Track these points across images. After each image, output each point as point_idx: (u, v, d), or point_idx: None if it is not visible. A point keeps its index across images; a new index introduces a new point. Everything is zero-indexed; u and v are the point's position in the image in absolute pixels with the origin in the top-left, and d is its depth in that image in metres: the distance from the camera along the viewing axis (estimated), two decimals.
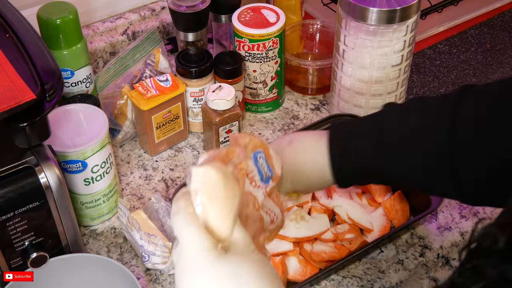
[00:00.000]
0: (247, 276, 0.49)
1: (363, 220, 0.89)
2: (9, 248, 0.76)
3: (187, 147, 1.06)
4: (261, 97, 1.10)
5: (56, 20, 0.92)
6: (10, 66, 0.71)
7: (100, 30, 1.15)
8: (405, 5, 0.91)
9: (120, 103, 1.00)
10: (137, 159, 1.03)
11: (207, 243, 0.49)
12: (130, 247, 0.90)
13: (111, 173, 0.90)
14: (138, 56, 1.10)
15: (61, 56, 0.96)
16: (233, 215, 0.51)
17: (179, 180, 1.00)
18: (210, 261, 0.49)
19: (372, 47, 0.95)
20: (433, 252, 0.89)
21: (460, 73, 1.23)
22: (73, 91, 1.00)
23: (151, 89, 0.97)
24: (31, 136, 0.70)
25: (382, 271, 0.86)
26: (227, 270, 0.49)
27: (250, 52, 1.04)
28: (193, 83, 1.01)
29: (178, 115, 1.02)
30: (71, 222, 0.79)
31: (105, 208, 0.92)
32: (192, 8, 1.05)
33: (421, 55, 1.26)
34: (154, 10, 1.20)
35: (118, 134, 1.03)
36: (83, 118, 0.88)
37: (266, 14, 1.05)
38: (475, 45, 1.30)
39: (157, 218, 0.91)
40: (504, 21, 1.36)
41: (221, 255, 0.49)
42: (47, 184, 0.74)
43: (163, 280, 0.86)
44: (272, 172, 0.64)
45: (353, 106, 1.03)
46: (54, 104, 0.69)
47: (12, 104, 0.65)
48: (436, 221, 0.93)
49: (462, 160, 0.64)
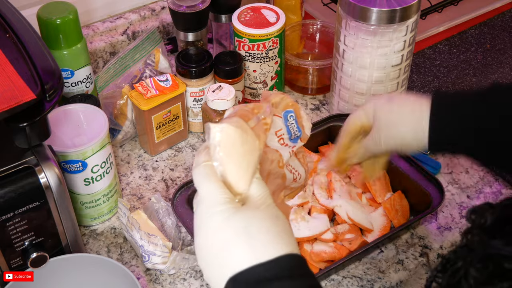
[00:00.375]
0: (258, 231, 0.50)
1: (363, 220, 0.89)
2: (9, 248, 0.76)
3: (187, 147, 1.06)
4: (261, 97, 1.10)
5: (56, 20, 0.92)
6: (10, 66, 0.71)
7: (100, 30, 1.15)
8: (405, 5, 0.91)
9: (120, 103, 1.00)
10: (137, 159, 1.03)
11: (223, 197, 0.51)
12: (130, 247, 0.90)
13: (111, 173, 0.90)
14: (138, 56, 1.10)
15: (61, 56, 0.96)
16: (250, 171, 0.52)
17: (179, 180, 1.00)
18: (226, 215, 0.50)
19: (372, 47, 0.95)
20: (433, 252, 0.89)
21: (460, 73, 1.23)
22: (73, 91, 1.00)
23: (151, 89, 0.97)
24: (31, 136, 0.70)
25: (382, 271, 0.86)
26: (240, 225, 0.50)
27: (250, 52, 1.04)
28: (193, 83, 1.01)
29: (178, 115, 1.02)
30: (71, 222, 0.79)
31: (105, 208, 0.92)
32: (192, 8, 1.05)
33: (421, 55, 1.26)
34: (154, 10, 1.20)
35: (118, 134, 1.03)
36: (83, 118, 0.88)
37: (266, 14, 1.05)
38: (475, 45, 1.30)
39: (157, 218, 0.91)
40: (504, 21, 1.36)
41: (236, 209, 0.51)
42: (47, 184, 0.74)
43: (163, 280, 0.86)
44: (301, 132, 0.65)
45: (353, 106, 1.03)
46: (54, 104, 0.69)
47: (12, 104, 0.65)
48: (436, 221, 0.93)
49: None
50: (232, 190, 0.52)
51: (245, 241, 0.50)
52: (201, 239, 0.52)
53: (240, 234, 0.50)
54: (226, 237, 0.50)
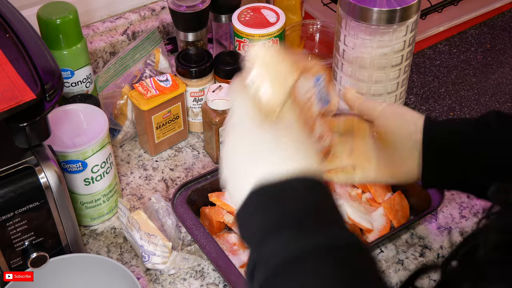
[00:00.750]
0: (287, 146, 0.51)
1: (363, 220, 0.89)
2: (9, 248, 0.76)
3: (187, 147, 1.06)
4: None
5: (56, 20, 0.92)
6: (10, 66, 0.71)
7: (100, 30, 1.15)
8: (405, 5, 0.91)
9: (120, 103, 1.00)
10: (137, 159, 1.03)
11: (254, 109, 0.53)
12: (130, 247, 0.90)
13: (111, 173, 0.90)
14: (138, 56, 1.10)
15: (61, 56, 0.96)
16: (284, 91, 0.54)
17: (179, 180, 1.00)
18: (256, 123, 0.52)
19: (372, 47, 0.95)
20: (433, 252, 0.89)
21: (460, 73, 1.23)
22: (73, 91, 1.00)
23: (151, 89, 0.97)
24: (31, 136, 0.70)
25: (382, 271, 0.86)
26: (269, 136, 0.52)
27: None
28: (193, 83, 1.01)
29: (178, 115, 1.02)
30: (71, 222, 0.79)
31: (105, 208, 0.92)
32: (192, 8, 1.05)
33: (421, 55, 1.26)
34: (154, 10, 1.20)
35: (118, 134, 1.03)
36: (83, 118, 0.88)
37: (266, 14, 1.05)
38: (475, 45, 1.30)
39: (157, 218, 0.91)
40: (504, 21, 1.36)
41: (267, 122, 0.52)
42: (47, 184, 0.74)
43: (163, 280, 0.86)
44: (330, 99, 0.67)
45: None
46: (54, 104, 0.69)
47: (12, 104, 0.65)
48: (436, 221, 0.93)
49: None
50: (264, 108, 0.53)
51: (274, 152, 0.50)
52: (229, 146, 0.53)
53: (269, 144, 0.51)
54: (255, 145, 0.51)
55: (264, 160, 0.50)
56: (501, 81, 1.21)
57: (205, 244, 0.84)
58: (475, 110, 1.14)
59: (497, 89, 1.19)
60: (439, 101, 1.16)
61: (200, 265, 0.87)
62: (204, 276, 0.86)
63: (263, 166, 0.50)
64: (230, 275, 0.81)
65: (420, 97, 1.16)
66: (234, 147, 0.53)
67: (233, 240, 0.89)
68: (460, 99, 1.17)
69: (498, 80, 1.21)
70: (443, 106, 1.15)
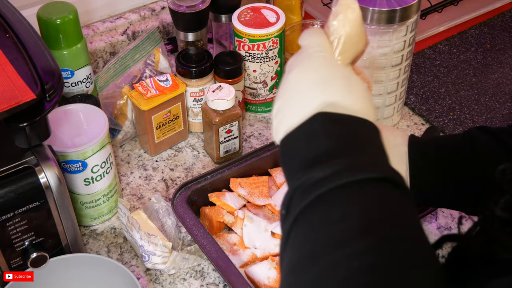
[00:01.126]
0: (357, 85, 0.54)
1: None
2: (9, 248, 0.76)
3: (187, 147, 1.06)
4: (261, 97, 1.10)
5: (56, 20, 0.92)
6: (10, 66, 0.71)
7: (100, 30, 1.15)
8: (405, 5, 0.91)
9: (120, 103, 1.00)
10: (137, 159, 1.03)
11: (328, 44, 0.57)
12: (130, 247, 0.90)
13: (111, 173, 0.90)
14: (138, 56, 1.10)
15: (61, 56, 0.96)
16: (353, 51, 0.58)
17: (179, 180, 1.00)
18: (328, 56, 0.56)
19: (372, 47, 0.95)
20: None
21: (460, 73, 1.23)
22: (73, 91, 1.00)
23: (151, 89, 0.97)
24: (31, 136, 0.70)
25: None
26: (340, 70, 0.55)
27: (250, 52, 1.04)
28: (193, 83, 1.01)
29: (178, 115, 1.02)
30: (71, 222, 0.79)
31: (105, 208, 0.92)
32: (192, 8, 1.05)
33: (421, 55, 1.26)
34: (154, 10, 1.20)
35: (118, 134, 1.03)
36: (83, 118, 0.88)
37: (266, 14, 1.05)
38: (475, 45, 1.30)
39: (157, 218, 0.91)
40: (504, 21, 1.36)
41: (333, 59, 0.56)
42: (47, 184, 0.74)
43: (163, 280, 0.86)
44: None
45: None
46: (54, 104, 0.69)
47: (12, 104, 0.65)
48: (436, 221, 0.93)
49: None
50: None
51: (346, 88, 0.53)
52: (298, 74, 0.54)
53: (343, 79, 0.53)
54: (329, 77, 0.53)
55: (336, 91, 0.52)
56: (501, 81, 1.21)
57: (205, 244, 0.84)
58: (475, 110, 1.14)
59: (497, 89, 1.19)
60: (439, 101, 1.16)
61: (200, 265, 0.87)
62: (204, 276, 0.86)
63: (333, 95, 0.52)
64: (230, 275, 0.81)
65: (420, 97, 1.16)
66: (306, 75, 0.54)
67: (233, 240, 0.89)
68: (460, 99, 1.17)
69: (498, 80, 1.21)
70: (443, 106, 1.15)
